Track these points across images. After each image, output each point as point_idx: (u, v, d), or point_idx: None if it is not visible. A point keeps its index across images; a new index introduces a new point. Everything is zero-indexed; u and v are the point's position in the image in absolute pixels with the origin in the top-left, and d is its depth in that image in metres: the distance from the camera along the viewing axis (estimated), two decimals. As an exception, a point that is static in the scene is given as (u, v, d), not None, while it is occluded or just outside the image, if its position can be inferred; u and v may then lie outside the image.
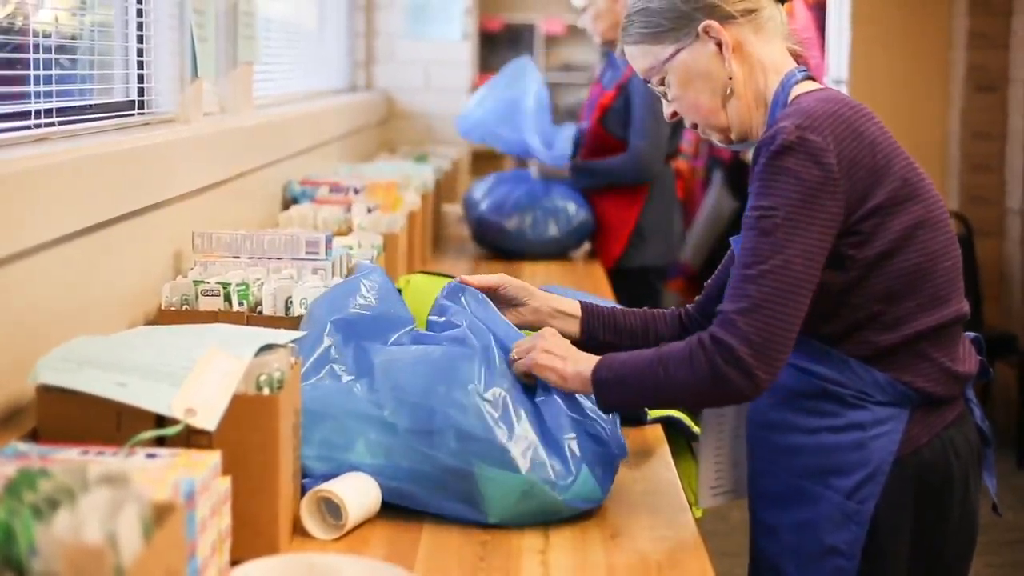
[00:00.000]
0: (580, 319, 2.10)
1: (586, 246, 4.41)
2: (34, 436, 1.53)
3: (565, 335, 1.97)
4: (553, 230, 4.21)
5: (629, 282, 4.27)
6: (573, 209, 4.22)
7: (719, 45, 1.88)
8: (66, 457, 1.38)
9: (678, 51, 1.90)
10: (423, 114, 5.85)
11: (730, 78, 1.88)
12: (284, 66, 4.18)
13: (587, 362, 1.82)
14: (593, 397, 1.82)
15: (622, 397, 1.80)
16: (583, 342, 2.05)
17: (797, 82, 1.89)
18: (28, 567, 0.97)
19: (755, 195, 1.75)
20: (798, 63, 1.94)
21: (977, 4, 6.00)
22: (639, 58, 1.97)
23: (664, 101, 1.99)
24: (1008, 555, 4.55)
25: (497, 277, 2.09)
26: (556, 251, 4.24)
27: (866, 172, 1.76)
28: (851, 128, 1.77)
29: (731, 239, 1.97)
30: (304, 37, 4.65)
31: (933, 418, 1.86)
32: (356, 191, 3.36)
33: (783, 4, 1.95)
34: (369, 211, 3.11)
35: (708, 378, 1.71)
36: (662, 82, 1.95)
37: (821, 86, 1.89)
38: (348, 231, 2.92)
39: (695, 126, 1.97)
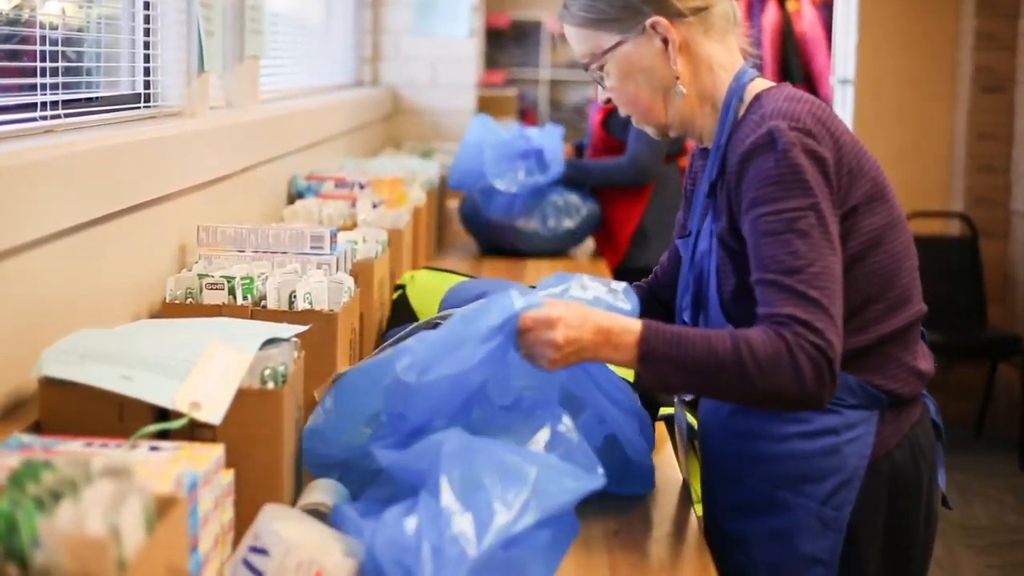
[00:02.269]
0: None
1: (590, 245, 4.41)
2: (37, 428, 1.53)
3: None
4: (561, 224, 4.19)
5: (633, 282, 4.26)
6: (577, 201, 4.22)
7: (665, 42, 1.85)
8: (69, 449, 1.38)
9: (621, 43, 1.87)
10: (429, 110, 5.85)
11: (677, 78, 1.85)
12: (290, 61, 4.18)
13: (622, 328, 1.69)
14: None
15: (671, 377, 1.69)
16: None
17: (750, 79, 1.87)
18: (31, 559, 0.97)
19: (771, 198, 1.70)
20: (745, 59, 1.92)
21: (984, 5, 6.00)
22: (578, 41, 1.92)
23: (599, 86, 1.95)
24: (1009, 556, 4.55)
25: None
26: (563, 246, 4.24)
27: (846, 172, 1.75)
28: (827, 128, 1.75)
29: (677, 240, 1.99)
30: (310, 32, 4.64)
31: (901, 419, 1.85)
32: (361, 186, 3.36)
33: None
34: (374, 206, 3.11)
35: (806, 381, 1.64)
36: (600, 68, 1.91)
37: (775, 84, 1.86)
38: (353, 226, 2.92)
39: (628, 116, 1.94)
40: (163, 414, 1.50)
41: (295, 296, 2.08)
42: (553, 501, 1.47)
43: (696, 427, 2.11)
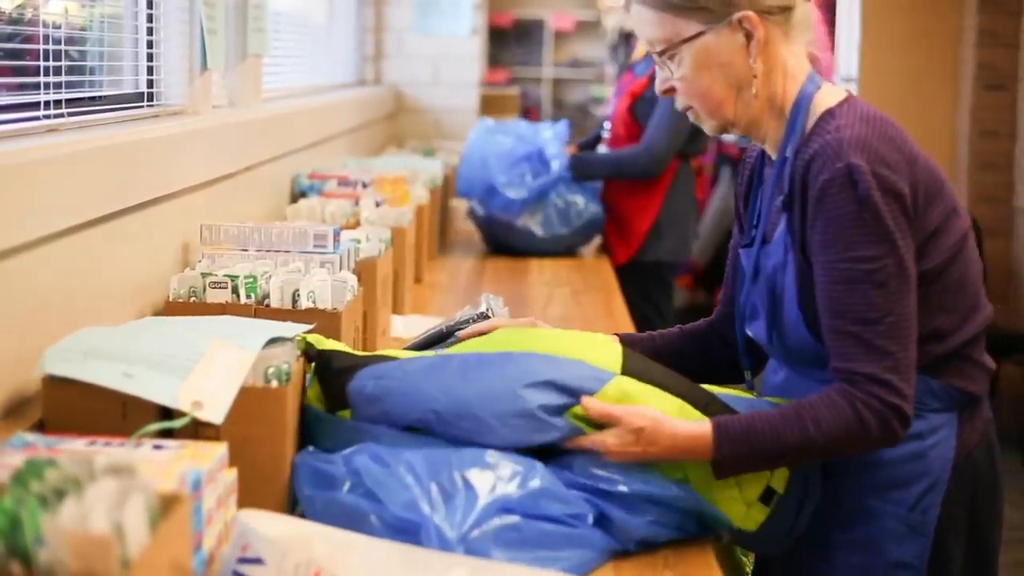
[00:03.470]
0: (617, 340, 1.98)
1: (596, 242, 4.41)
2: (41, 427, 1.53)
3: None
4: (560, 229, 4.19)
5: (643, 276, 4.28)
6: (582, 203, 4.21)
7: (748, 38, 1.79)
8: (73, 447, 1.38)
9: (703, 32, 1.79)
10: (431, 109, 5.85)
11: (755, 76, 1.80)
12: (293, 59, 4.18)
13: (694, 440, 1.70)
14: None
15: (746, 465, 1.72)
16: None
17: (816, 88, 1.82)
18: (34, 557, 0.97)
19: (849, 243, 1.68)
20: (812, 65, 1.88)
21: (987, 2, 5.99)
22: (652, 25, 1.83)
23: (660, 74, 1.87)
24: (1012, 554, 4.54)
25: (490, 322, 2.01)
26: (566, 248, 4.24)
27: (923, 197, 1.73)
28: (903, 152, 1.72)
29: (741, 249, 1.94)
30: (313, 31, 4.64)
31: (976, 419, 1.86)
32: (364, 185, 3.36)
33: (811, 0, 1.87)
34: (377, 205, 3.11)
35: (878, 439, 1.70)
36: (671, 57, 1.82)
37: (843, 94, 1.82)
38: (356, 225, 2.92)
39: (689, 108, 1.87)
40: (167, 412, 1.51)
41: (298, 295, 2.08)
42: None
43: None
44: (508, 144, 4.24)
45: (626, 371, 1.76)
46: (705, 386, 1.84)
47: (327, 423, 1.72)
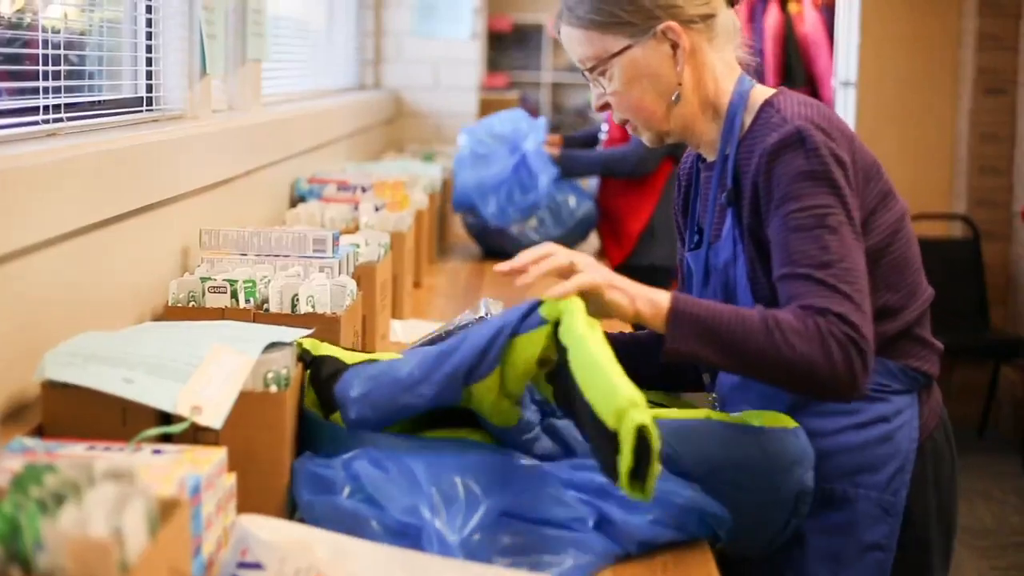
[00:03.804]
0: None
1: (595, 244, 4.41)
2: (40, 432, 1.53)
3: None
4: (554, 229, 4.19)
5: (637, 279, 4.27)
6: (573, 202, 4.22)
7: (674, 48, 1.84)
8: (72, 452, 1.38)
9: (629, 47, 1.84)
10: (431, 113, 5.86)
11: (679, 83, 1.85)
12: (293, 64, 4.18)
13: (655, 291, 1.70)
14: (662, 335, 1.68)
15: (698, 341, 1.66)
16: None
17: (751, 87, 1.88)
18: (34, 561, 0.97)
19: (799, 195, 1.70)
20: (745, 70, 1.92)
21: (986, 6, 6.00)
22: (581, 43, 1.88)
23: (594, 91, 1.92)
24: (1012, 558, 4.55)
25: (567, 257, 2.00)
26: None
27: (862, 175, 1.79)
28: (841, 131, 1.78)
29: (688, 253, 1.96)
30: (313, 35, 4.65)
31: (933, 400, 1.92)
32: (364, 189, 3.36)
33: (733, 7, 1.91)
34: (376, 209, 3.11)
35: (837, 365, 1.63)
36: (601, 73, 1.88)
37: (776, 90, 1.87)
38: (355, 229, 2.92)
39: (626, 122, 1.92)
40: (166, 417, 1.51)
41: (297, 299, 2.08)
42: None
43: None
44: (494, 168, 4.23)
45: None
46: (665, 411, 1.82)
47: (324, 428, 1.72)
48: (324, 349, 1.81)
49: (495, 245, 4.22)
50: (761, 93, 1.87)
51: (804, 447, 1.76)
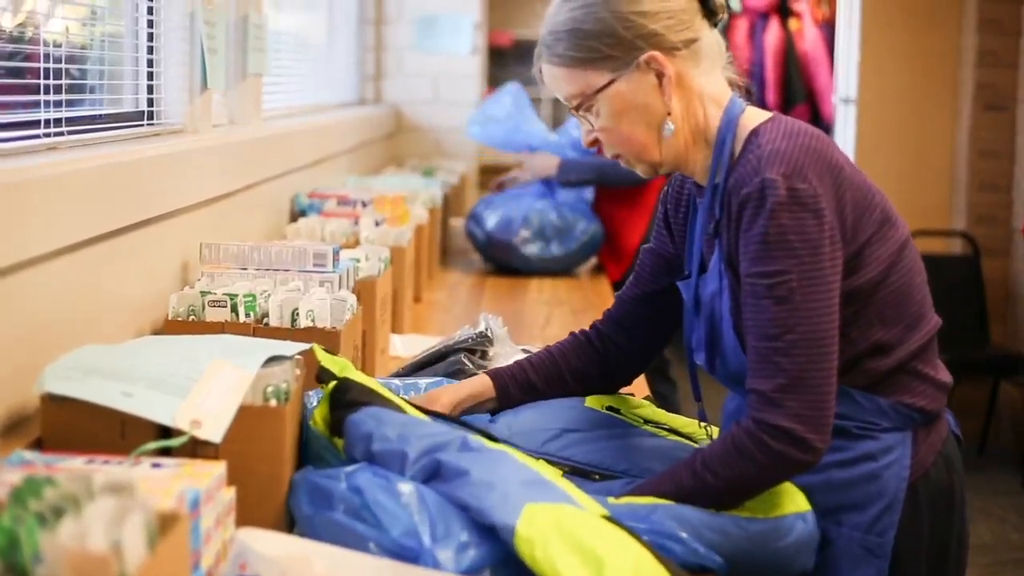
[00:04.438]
0: (493, 388, 2.00)
1: (592, 261, 4.41)
2: (39, 445, 1.53)
3: (484, 410, 1.95)
4: (558, 249, 4.20)
5: None
6: (581, 224, 4.23)
7: (659, 77, 1.79)
8: (71, 466, 1.38)
9: (613, 80, 1.79)
10: (431, 128, 5.86)
11: (668, 113, 1.80)
12: (293, 79, 4.19)
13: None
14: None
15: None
16: (499, 408, 1.99)
17: (741, 111, 1.83)
18: (33, 575, 0.97)
19: (755, 259, 1.68)
20: (737, 90, 1.88)
21: (986, 23, 6.01)
22: (564, 82, 1.84)
23: (582, 127, 1.88)
24: (1013, 575, 4.54)
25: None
26: (564, 268, 4.24)
27: (851, 208, 1.73)
28: (827, 163, 1.72)
29: (643, 247, 1.97)
30: (313, 50, 4.66)
31: (932, 436, 1.85)
32: (364, 204, 3.36)
33: (716, 27, 1.86)
34: (377, 224, 3.11)
35: (768, 465, 1.65)
36: (588, 109, 1.83)
37: (769, 114, 1.82)
38: (355, 244, 2.92)
39: (617, 156, 1.88)
40: (166, 431, 1.50)
41: (297, 314, 2.08)
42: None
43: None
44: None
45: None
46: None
47: (325, 448, 1.70)
48: (354, 374, 1.78)
49: (499, 257, 4.23)
50: (751, 119, 1.82)
51: (811, 532, 1.72)
